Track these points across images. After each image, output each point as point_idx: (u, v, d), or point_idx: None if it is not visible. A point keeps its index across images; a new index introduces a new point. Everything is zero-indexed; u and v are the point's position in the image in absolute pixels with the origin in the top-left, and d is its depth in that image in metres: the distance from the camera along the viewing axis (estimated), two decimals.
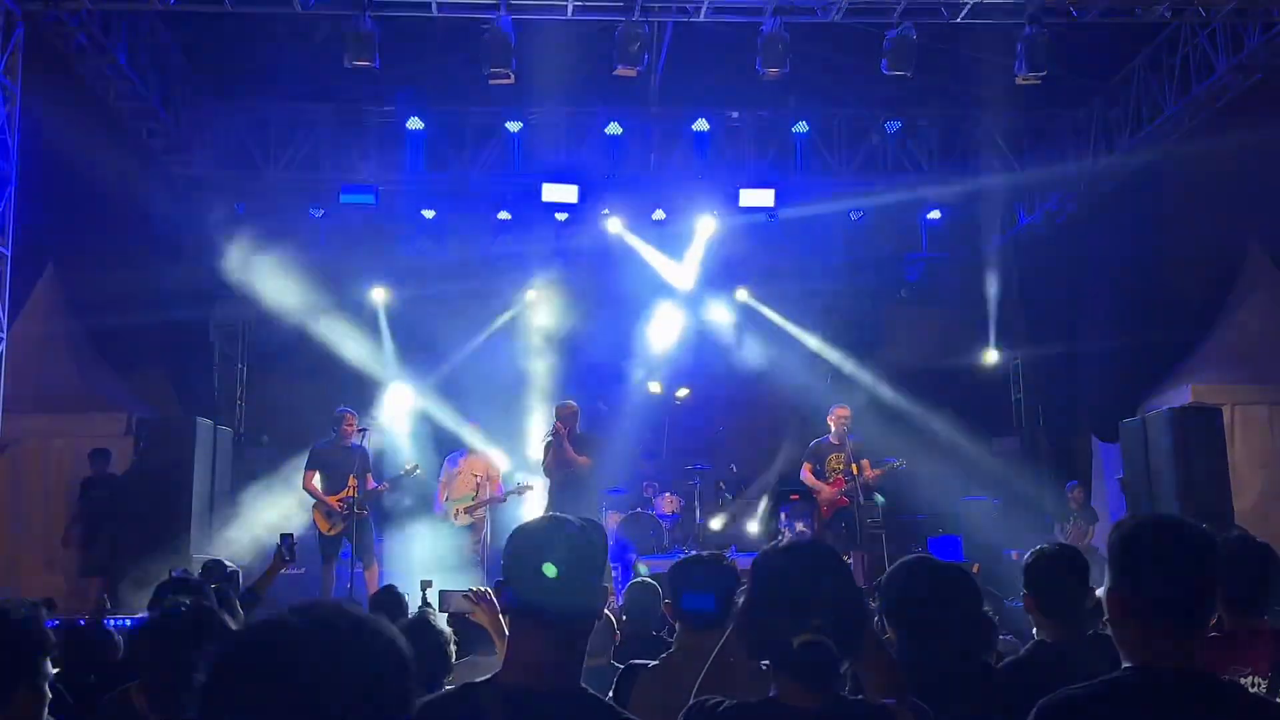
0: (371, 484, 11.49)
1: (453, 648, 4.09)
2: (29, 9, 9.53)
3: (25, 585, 10.74)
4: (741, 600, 2.67)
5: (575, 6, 9.90)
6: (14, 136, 9.57)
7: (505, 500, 12.26)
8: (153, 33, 11.23)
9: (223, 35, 11.72)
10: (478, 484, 12.09)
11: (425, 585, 7.28)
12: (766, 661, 2.46)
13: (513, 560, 2.44)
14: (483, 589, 3.49)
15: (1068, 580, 3.63)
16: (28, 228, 9.90)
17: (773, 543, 2.78)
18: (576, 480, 11.14)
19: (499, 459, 12.82)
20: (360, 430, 11.67)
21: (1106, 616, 2.48)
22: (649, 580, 6.41)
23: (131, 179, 11.82)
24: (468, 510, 11.99)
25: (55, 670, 2.63)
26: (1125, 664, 2.43)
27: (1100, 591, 2.56)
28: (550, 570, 2.34)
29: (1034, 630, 4.26)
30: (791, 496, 11.44)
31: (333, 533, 11.17)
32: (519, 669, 2.38)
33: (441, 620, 4.14)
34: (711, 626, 3.59)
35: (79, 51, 10.23)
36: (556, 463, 11.10)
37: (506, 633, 2.55)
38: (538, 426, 14.35)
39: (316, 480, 11.32)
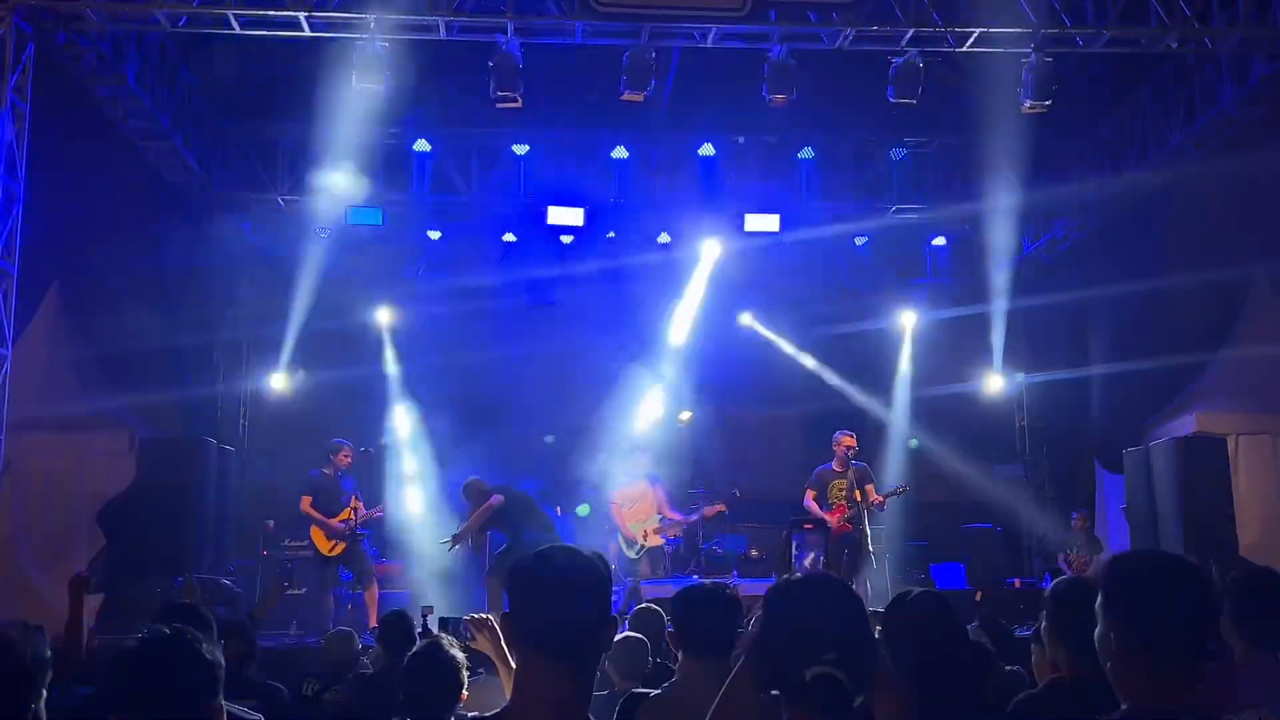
0: (362, 510, 11.51)
1: (465, 674, 4.04)
2: (40, 28, 9.57)
3: (30, 605, 10.68)
4: (753, 630, 2.65)
5: (583, 31, 9.95)
6: (23, 155, 9.59)
7: (694, 522, 12.65)
8: (162, 54, 11.27)
9: (232, 56, 11.78)
10: (659, 505, 12.33)
11: (426, 611, 7.26)
12: (777, 691, 2.44)
13: (517, 592, 2.40)
14: (484, 616, 3.45)
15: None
16: (34, 246, 9.91)
17: (786, 574, 2.77)
18: None
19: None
20: (363, 450, 11.69)
21: (1100, 656, 2.45)
22: (652, 606, 6.38)
23: (139, 199, 11.84)
24: (658, 531, 12.26)
25: None
26: (1123, 705, 2.40)
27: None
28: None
29: (1033, 660, 4.22)
30: (804, 526, 11.40)
31: (333, 553, 11.20)
32: (528, 703, 2.35)
33: (453, 647, 4.09)
34: (716, 655, 3.57)
35: (89, 71, 10.27)
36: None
37: (512, 663, 2.53)
38: (540, 448, 14.40)
39: (314, 505, 11.37)
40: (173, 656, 2.46)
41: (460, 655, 4.06)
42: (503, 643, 3.60)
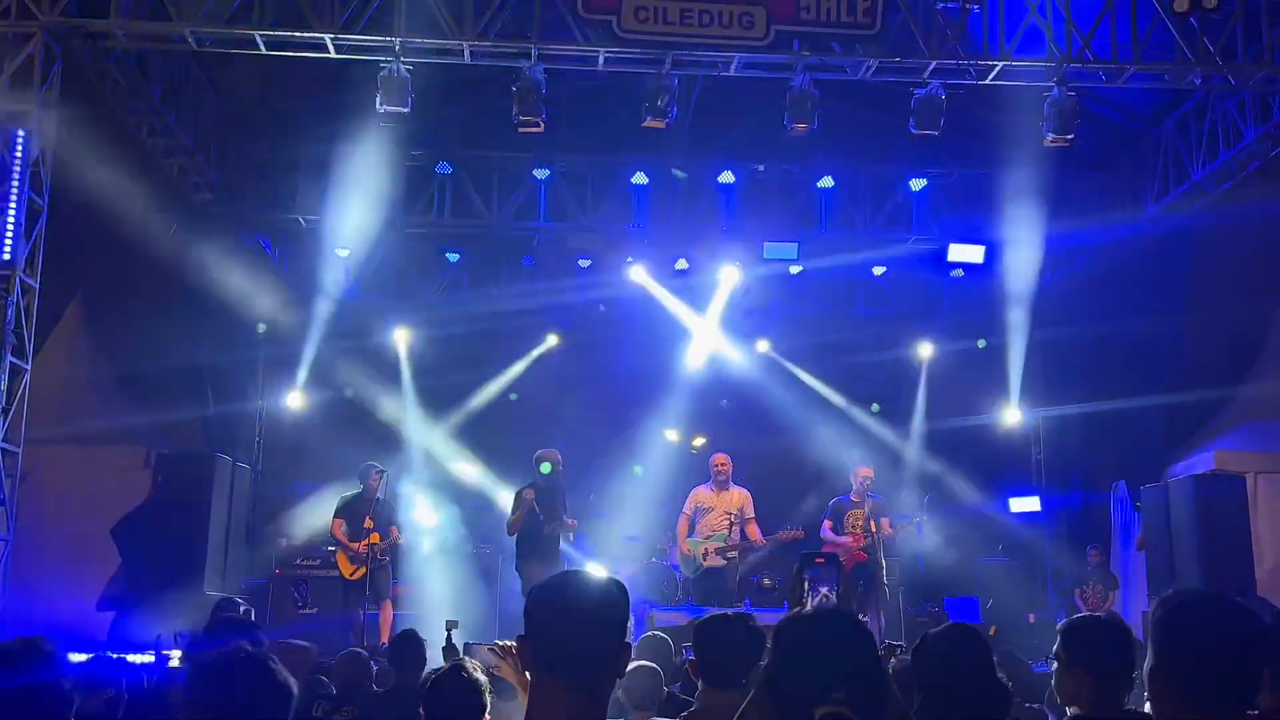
0: (396, 534, 11.72)
1: (488, 698, 4.01)
2: (67, 45, 9.66)
3: (46, 619, 10.69)
4: (763, 665, 2.62)
5: (606, 58, 9.98)
6: (47, 170, 9.67)
7: (766, 545, 11.59)
8: (187, 73, 11.36)
9: (257, 76, 11.87)
10: (730, 522, 11.39)
11: (451, 625, 7.23)
12: None
13: (534, 616, 2.41)
14: (509, 643, 3.42)
15: (1118, 651, 3.48)
16: (55, 260, 9.97)
17: (797, 608, 2.74)
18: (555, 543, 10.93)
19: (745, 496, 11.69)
20: (378, 471, 11.71)
21: (1148, 693, 2.43)
22: (659, 634, 6.34)
23: (160, 216, 11.89)
24: (719, 551, 11.29)
25: None
26: None
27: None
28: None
29: (1057, 699, 4.15)
30: (816, 560, 11.30)
31: (355, 576, 11.33)
32: None
33: (476, 669, 4.05)
34: (737, 686, 3.54)
35: (115, 89, 10.34)
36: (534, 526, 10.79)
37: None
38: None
39: (344, 530, 11.52)
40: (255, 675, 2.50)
41: (483, 678, 4.03)
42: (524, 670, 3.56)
